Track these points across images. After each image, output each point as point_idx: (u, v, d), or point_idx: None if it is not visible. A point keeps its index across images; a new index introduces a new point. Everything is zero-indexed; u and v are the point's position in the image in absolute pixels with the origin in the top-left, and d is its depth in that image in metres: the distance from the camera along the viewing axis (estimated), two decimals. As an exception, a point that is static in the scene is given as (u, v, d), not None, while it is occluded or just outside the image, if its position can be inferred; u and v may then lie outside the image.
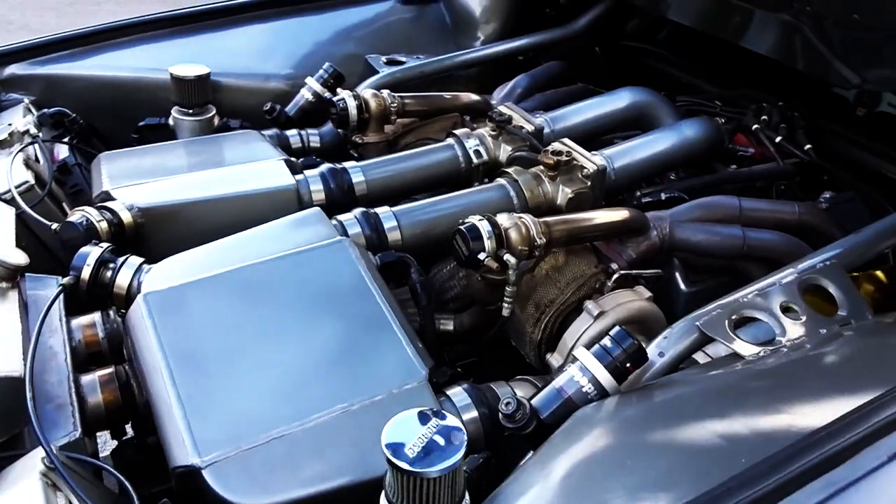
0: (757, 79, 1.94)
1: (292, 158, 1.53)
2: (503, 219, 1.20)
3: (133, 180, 1.42)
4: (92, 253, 1.14)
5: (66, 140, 1.71)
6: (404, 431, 0.80)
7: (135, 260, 1.17)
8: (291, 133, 1.78)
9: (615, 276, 1.25)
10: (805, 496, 0.68)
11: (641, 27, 2.24)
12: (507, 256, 1.16)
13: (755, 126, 1.77)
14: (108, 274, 1.15)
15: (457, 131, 1.59)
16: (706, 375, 1.03)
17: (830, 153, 1.73)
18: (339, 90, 1.73)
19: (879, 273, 1.40)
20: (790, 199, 1.58)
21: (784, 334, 1.06)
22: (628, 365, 1.00)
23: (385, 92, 1.69)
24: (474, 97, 1.80)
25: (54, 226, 1.28)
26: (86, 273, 1.13)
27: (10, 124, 1.67)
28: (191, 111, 1.77)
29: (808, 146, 1.72)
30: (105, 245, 1.16)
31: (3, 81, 1.84)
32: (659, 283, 1.30)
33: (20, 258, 1.16)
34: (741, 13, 1.25)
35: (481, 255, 1.16)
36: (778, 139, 1.74)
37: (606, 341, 1.01)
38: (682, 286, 1.40)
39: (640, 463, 0.84)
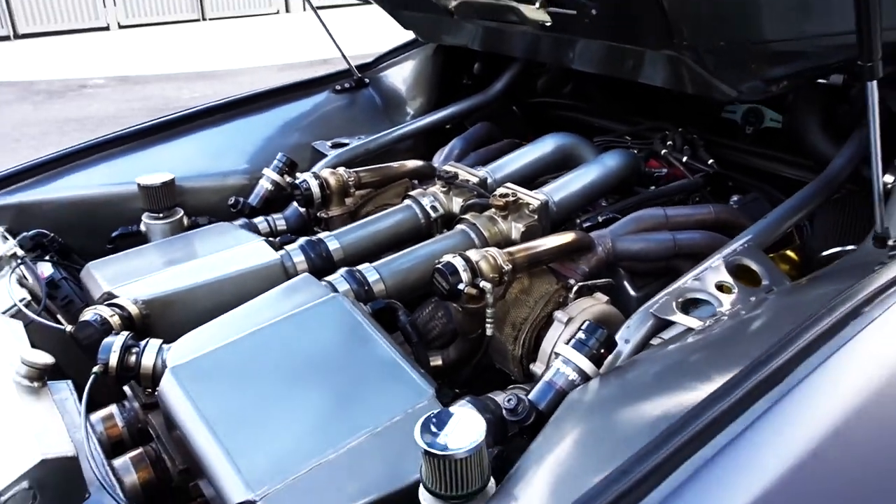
0: (657, 111, 2.24)
1: (270, 238, 1.69)
2: (473, 253, 1.39)
3: (128, 279, 1.54)
4: (116, 341, 1.26)
5: (48, 258, 1.82)
6: (431, 429, 0.95)
7: (155, 342, 1.29)
8: (258, 220, 1.94)
9: (574, 289, 1.44)
10: (724, 437, 0.84)
11: (550, 83, 2.53)
12: (482, 283, 1.34)
13: (663, 151, 2.05)
14: (133, 358, 1.26)
15: (412, 192, 1.79)
16: (666, 350, 1.22)
17: (731, 164, 2.01)
18: (298, 174, 1.91)
19: (790, 252, 1.65)
20: (705, 205, 1.84)
21: (722, 306, 1.27)
22: (602, 351, 1.19)
23: (341, 169, 1.88)
24: (419, 162, 2.01)
25: (69, 328, 1.39)
26: (113, 359, 1.24)
27: (-9, 251, 1.77)
28: (161, 215, 1.91)
29: (710, 160, 2.00)
30: (125, 333, 1.28)
31: (-24, 214, 1.94)
32: (612, 291, 1.51)
33: (47, 359, 1.27)
34: (634, 55, 1.51)
35: (460, 286, 1.34)
36: (684, 159, 2.01)
37: (580, 335, 1.20)
38: (632, 292, 1.61)
39: (618, 430, 1.01)
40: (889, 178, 1.39)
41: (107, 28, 10.41)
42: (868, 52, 0.93)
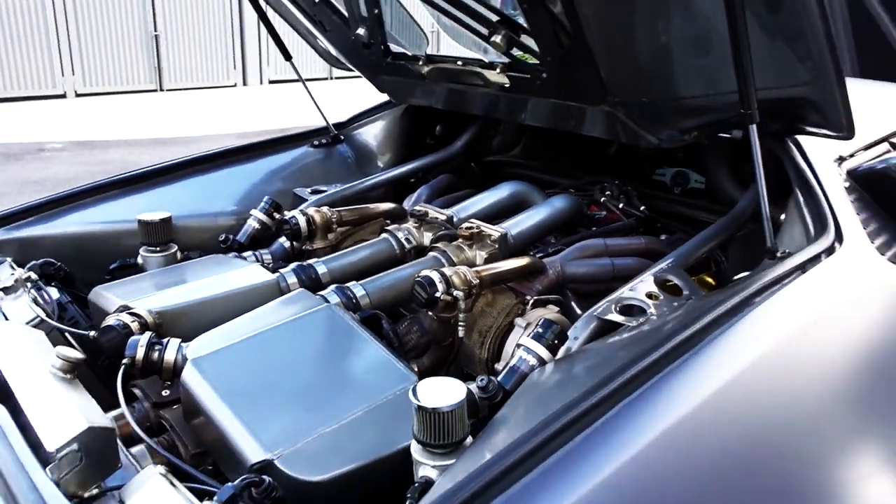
0: (597, 169, 2.59)
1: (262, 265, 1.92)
2: (447, 270, 1.65)
3: (138, 296, 1.74)
4: (141, 339, 1.46)
5: (53, 284, 2.00)
6: (422, 392, 1.18)
7: (175, 340, 1.49)
8: (247, 254, 2.16)
9: (531, 302, 1.72)
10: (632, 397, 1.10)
11: (504, 142, 2.87)
12: (455, 293, 1.60)
13: (602, 199, 2.38)
14: (156, 354, 1.46)
15: (388, 228, 2.06)
16: (606, 342, 1.49)
17: (659, 212, 2.35)
18: (285, 212, 2.16)
19: (707, 277, 1.97)
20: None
21: (650, 309, 1.56)
22: (556, 342, 1.45)
23: (325, 208, 2.14)
24: (392, 205, 2.29)
25: (92, 333, 1.58)
26: (140, 353, 1.44)
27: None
28: (157, 249, 2.12)
29: (642, 207, 2.34)
30: (149, 333, 1.49)
31: (-17, 248, 2.11)
32: (561, 309, 1.78)
33: (78, 354, 1.45)
34: (577, 111, 1.84)
35: (437, 295, 1.59)
36: (620, 205, 2.35)
37: (538, 329, 1.46)
38: (578, 310, 1.88)
39: (561, 400, 1.27)
40: (779, 213, 1.72)
41: (64, 95, 10.57)
42: (746, 102, 1.26)
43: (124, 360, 1.43)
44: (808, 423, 1.17)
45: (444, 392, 1.18)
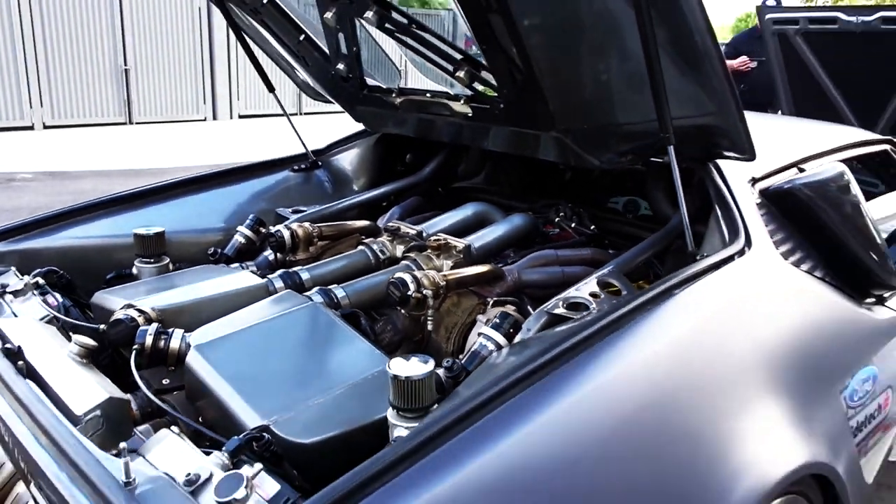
0: (553, 192, 2.87)
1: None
2: (417, 273, 1.89)
3: (141, 297, 1.94)
4: (149, 329, 1.66)
5: (56, 290, 2.18)
6: (396, 366, 1.41)
7: (179, 331, 1.69)
8: (234, 265, 2.37)
9: (491, 302, 1.96)
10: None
11: (467, 170, 3.14)
12: (425, 291, 1.84)
13: (557, 219, 2.65)
14: (162, 342, 1.66)
15: (364, 241, 2.30)
16: (554, 331, 1.74)
17: (612, 232, 2.63)
18: (270, 227, 2.39)
19: (645, 284, 2.24)
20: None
21: (593, 305, 1.81)
22: (511, 331, 1.70)
23: (307, 223, 2.37)
24: (367, 223, 2.53)
25: (102, 326, 1.77)
26: (148, 341, 1.64)
27: (6, 284, 2.12)
28: (151, 260, 2.32)
29: (592, 227, 2.61)
30: (155, 324, 1.69)
31: (-12, 257, 2.29)
32: (518, 307, 2.03)
33: (92, 342, 1.65)
34: (531, 137, 2.11)
35: (409, 293, 1.83)
36: (573, 224, 2.62)
37: (496, 320, 1.70)
38: (532, 312, 2.13)
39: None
40: (704, 227, 2.01)
41: (31, 127, 10.62)
42: (664, 127, 1.54)
43: (135, 347, 1.63)
44: (716, 385, 1.43)
45: (414, 365, 1.41)
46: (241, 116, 12.79)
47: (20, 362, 1.50)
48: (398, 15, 1.98)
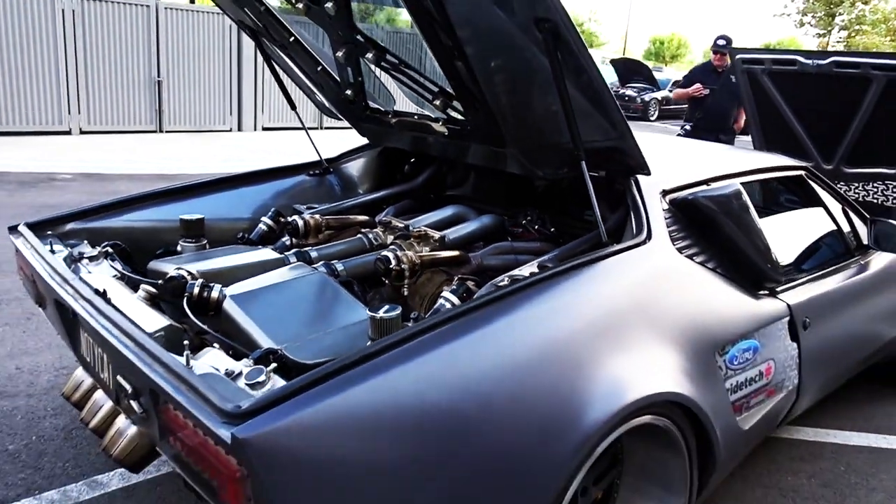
0: (527, 202, 3.44)
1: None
2: (398, 252, 2.47)
3: (187, 264, 2.53)
4: (196, 283, 2.25)
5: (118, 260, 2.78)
6: (374, 309, 1.98)
7: (217, 285, 2.28)
8: (257, 248, 2.96)
9: (456, 279, 2.53)
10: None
11: (454, 180, 3.72)
12: (403, 266, 2.42)
13: (524, 221, 3.22)
14: (206, 293, 2.25)
15: (362, 231, 2.89)
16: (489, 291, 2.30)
17: (568, 233, 3.20)
18: (288, 218, 2.98)
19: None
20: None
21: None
22: (465, 295, 2.27)
23: (317, 215, 2.96)
24: (366, 217, 3.12)
25: (160, 281, 2.37)
26: (195, 291, 2.22)
27: (83, 252, 2.72)
28: (192, 240, 2.92)
29: (553, 228, 3.18)
30: (201, 280, 2.28)
31: (65, 234, 2.90)
32: (478, 285, 2.59)
33: (153, 289, 2.24)
34: (496, 152, 2.69)
35: (391, 266, 2.41)
36: (536, 226, 3.19)
37: (454, 286, 2.28)
38: (492, 291, 2.69)
39: None
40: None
41: (69, 132, 11.38)
42: (577, 146, 2.11)
43: (185, 294, 2.21)
44: (601, 330, 1.99)
45: (386, 310, 1.99)
46: (264, 129, 13.53)
47: (108, 297, 2.09)
48: (391, 56, 2.59)
